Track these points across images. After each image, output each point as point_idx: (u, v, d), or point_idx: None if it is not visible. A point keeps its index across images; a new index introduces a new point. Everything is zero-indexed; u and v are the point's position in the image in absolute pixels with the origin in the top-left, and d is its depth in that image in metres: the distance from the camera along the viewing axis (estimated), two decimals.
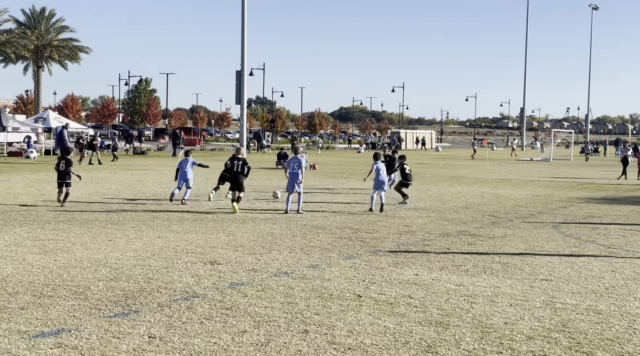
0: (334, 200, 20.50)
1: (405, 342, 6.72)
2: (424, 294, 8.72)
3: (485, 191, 24.77)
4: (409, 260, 10.98)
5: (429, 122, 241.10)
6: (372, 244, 12.50)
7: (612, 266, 10.71)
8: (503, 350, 6.54)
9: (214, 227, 14.37)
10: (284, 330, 7.09)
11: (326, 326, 7.22)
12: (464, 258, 11.25)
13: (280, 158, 38.95)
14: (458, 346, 6.61)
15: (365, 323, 7.39)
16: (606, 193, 25.22)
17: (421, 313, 7.79)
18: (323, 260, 10.90)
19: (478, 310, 7.99)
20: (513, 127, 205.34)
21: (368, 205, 18.08)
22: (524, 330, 7.18)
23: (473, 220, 16.27)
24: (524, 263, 10.87)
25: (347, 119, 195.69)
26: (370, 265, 10.53)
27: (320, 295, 8.57)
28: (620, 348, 6.63)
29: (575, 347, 6.64)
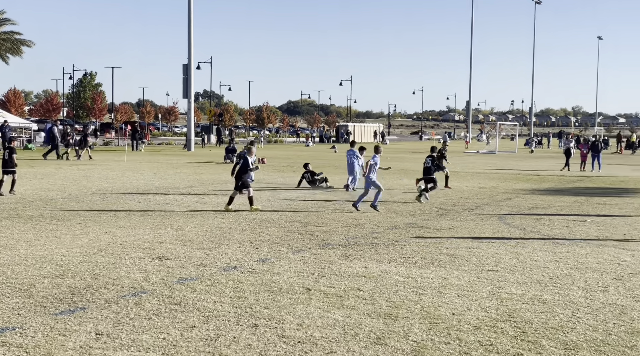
0: (282, 194, 20.46)
1: (355, 334, 6.75)
2: (373, 286, 8.77)
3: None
4: (358, 253, 11.03)
5: (377, 115, 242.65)
6: (321, 238, 12.53)
7: (556, 256, 10.94)
8: (451, 340, 6.62)
9: (161, 222, 14.21)
10: (233, 324, 7.05)
11: (276, 320, 7.21)
12: (412, 250, 11.35)
13: (228, 153, 38.73)
14: (407, 338, 6.67)
15: (315, 316, 7.40)
16: (550, 184, 25.74)
17: (370, 306, 7.84)
18: (272, 254, 10.88)
19: (426, 301, 8.08)
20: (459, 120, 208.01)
21: (318, 200, 18.08)
22: (471, 320, 7.29)
23: (421, 212, 16.43)
24: (470, 254, 11.02)
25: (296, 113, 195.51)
26: (320, 259, 10.55)
27: (269, 289, 8.55)
28: (565, 336, 6.78)
29: (520, 336, 6.76)
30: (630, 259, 10.73)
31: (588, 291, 8.63)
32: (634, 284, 9.02)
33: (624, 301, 8.12)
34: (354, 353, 6.21)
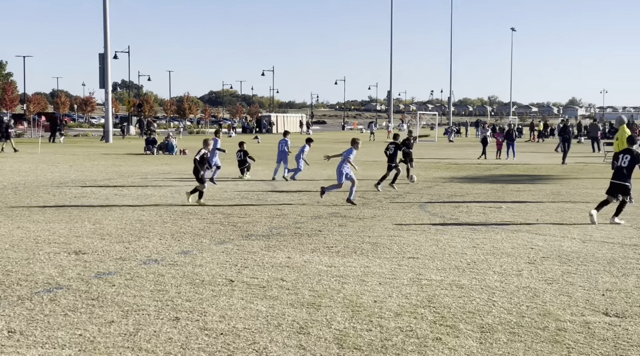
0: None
1: (278, 325, 6.76)
2: (296, 276, 8.79)
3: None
4: (281, 244, 11.03)
5: (300, 106, 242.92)
6: (244, 229, 12.47)
7: (473, 242, 11.21)
8: (372, 327, 6.71)
9: (78, 215, 13.86)
10: (153, 318, 6.95)
11: (198, 313, 7.14)
12: (335, 239, 11.43)
13: (148, 144, 38.09)
14: (329, 326, 6.72)
15: (238, 307, 7.36)
16: (468, 172, 26.36)
17: (293, 296, 7.86)
18: (194, 246, 10.77)
19: (349, 289, 8.15)
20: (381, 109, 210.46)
21: (241, 191, 17.99)
22: (392, 307, 7.40)
23: (343, 201, 16.55)
24: (392, 242, 11.18)
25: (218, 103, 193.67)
26: (243, 250, 10.50)
27: (191, 282, 8.46)
28: (481, 319, 6.96)
29: (439, 321, 6.91)
30: (542, 243, 11.10)
31: (503, 275, 8.89)
32: (546, 267, 9.34)
33: (536, 285, 8.40)
34: (276, 343, 6.21)
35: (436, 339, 6.35)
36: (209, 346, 6.14)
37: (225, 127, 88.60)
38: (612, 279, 8.69)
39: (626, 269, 9.27)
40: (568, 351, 6.04)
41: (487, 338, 6.37)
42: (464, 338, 6.37)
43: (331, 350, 6.05)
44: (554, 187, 20.69)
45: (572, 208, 15.57)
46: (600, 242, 11.30)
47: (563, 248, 10.74)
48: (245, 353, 5.97)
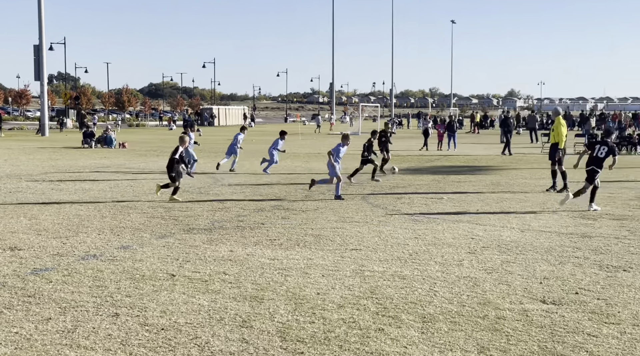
0: (146, 179, 19.99)
1: (220, 319, 6.70)
2: (239, 270, 8.74)
3: (298, 165, 25.27)
4: (224, 237, 10.95)
5: (242, 98, 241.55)
6: (185, 222, 12.33)
7: (415, 233, 11.32)
8: (315, 319, 6.71)
9: (13, 210, 13.49)
10: (92, 314, 6.81)
11: (138, 308, 7.03)
12: (278, 232, 11.40)
13: (86, 137, 37.35)
14: (272, 319, 6.69)
15: (179, 302, 7.28)
16: (410, 164, 26.62)
17: (236, 289, 7.81)
18: (134, 241, 10.60)
19: (292, 282, 8.14)
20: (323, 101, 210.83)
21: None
22: (335, 299, 7.41)
23: (286, 194, 16.53)
24: (335, 234, 11.21)
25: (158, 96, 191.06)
26: (184, 244, 10.38)
27: (131, 277, 8.33)
28: (423, 310, 7.04)
29: (382, 312, 6.95)
30: (482, 233, 11.28)
31: (444, 265, 9.00)
32: (486, 257, 9.50)
33: (476, 274, 8.53)
34: (219, 338, 6.16)
35: (378, 330, 6.39)
36: (149, 342, 6.05)
37: (166, 120, 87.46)
38: (550, 267, 8.89)
39: (563, 257, 9.49)
40: (507, 338, 6.15)
41: (428, 328, 6.44)
42: (405, 329, 6.43)
43: (274, 343, 6.03)
44: (494, 177, 21.07)
45: (511, 198, 15.87)
46: (538, 231, 11.55)
47: (502, 237, 10.94)
48: (187, 348, 5.90)
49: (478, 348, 5.91)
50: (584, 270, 8.72)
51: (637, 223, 12.19)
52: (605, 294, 7.61)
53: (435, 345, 6.00)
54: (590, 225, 12.10)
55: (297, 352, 5.82)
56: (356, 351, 5.84)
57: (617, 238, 10.83)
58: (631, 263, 9.12)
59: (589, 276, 8.40)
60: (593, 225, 12.10)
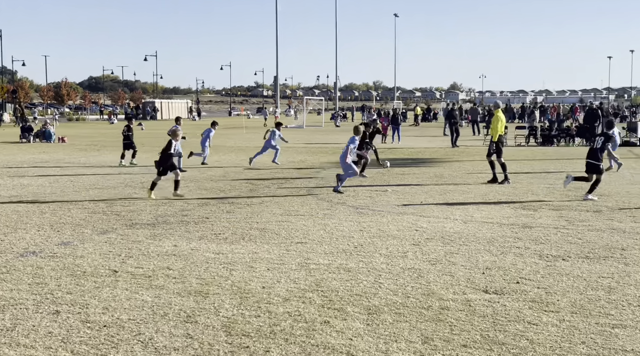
0: (87, 174, 19.62)
1: (164, 314, 6.63)
2: (183, 265, 8.65)
3: (243, 159, 25.14)
4: (167, 232, 10.82)
5: (185, 91, 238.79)
6: (128, 217, 12.15)
7: (360, 226, 11.38)
8: (261, 313, 6.69)
9: None
10: (32, 312, 6.65)
11: (79, 305, 6.90)
12: (223, 226, 11.33)
13: (24, 131, 36.49)
14: (217, 314, 6.65)
15: (122, 298, 7.17)
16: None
17: (180, 284, 7.73)
18: (75, 237, 10.39)
19: (237, 276, 8.10)
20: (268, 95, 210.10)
21: (125, 178, 17.46)
22: (281, 293, 7.41)
23: (231, 188, 16.43)
24: (280, 228, 11.19)
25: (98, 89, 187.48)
26: (127, 239, 10.23)
27: (72, 273, 8.17)
28: (368, 301, 7.08)
29: (327, 305, 6.97)
30: (426, 225, 11.41)
31: (389, 257, 9.08)
32: (430, 249, 9.61)
33: (420, 265, 8.63)
34: (163, 333, 6.09)
35: (324, 322, 6.41)
36: (91, 339, 5.94)
37: (107, 114, 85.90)
38: (492, 258, 9.05)
39: (504, 248, 9.67)
40: (450, 328, 6.24)
41: (373, 320, 6.49)
42: (351, 321, 6.46)
43: (219, 338, 5.99)
44: (437, 169, 21.32)
45: (454, 190, 16.09)
46: (481, 222, 11.74)
47: (446, 229, 11.08)
48: (130, 345, 5.82)
49: (422, 338, 5.98)
50: (524, 260, 8.90)
51: (575, 213, 12.50)
52: (545, 283, 7.79)
53: (380, 336, 6.04)
54: (530, 215, 12.36)
55: (242, 346, 5.79)
56: (302, 344, 5.85)
57: (556, 228, 11.09)
58: (569, 252, 9.35)
59: (530, 266, 8.58)
60: (533, 215, 12.36)
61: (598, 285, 7.67)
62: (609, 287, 7.59)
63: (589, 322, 6.40)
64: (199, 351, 5.68)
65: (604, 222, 11.63)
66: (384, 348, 5.76)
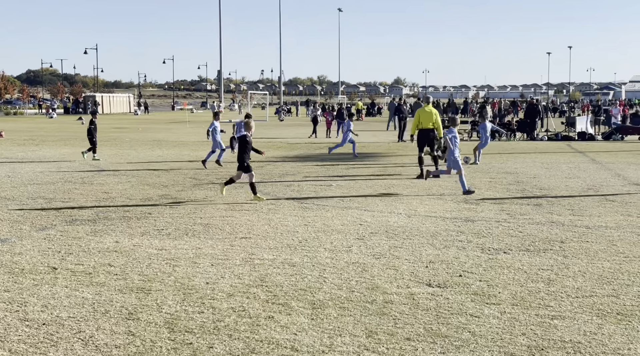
0: (25, 170, 19.14)
1: (105, 311, 6.51)
2: (125, 261, 8.51)
3: (186, 154, 24.88)
4: (109, 228, 10.64)
5: (127, 85, 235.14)
6: (68, 213, 11.89)
7: (304, 220, 11.38)
8: (205, 309, 6.63)
9: None
10: None
11: (17, 303, 6.72)
12: (166, 222, 11.19)
13: None
14: (160, 310, 6.56)
15: (62, 296, 7.01)
16: (299, 151, 26.72)
17: (122, 281, 7.60)
18: (13, 233, 10.13)
19: (180, 272, 8.01)
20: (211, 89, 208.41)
21: (64, 172, 17.07)
22: (225, 288, 7.35)
23: (174, 183, 16.24)
24: (224, 223, 11.11)
25: (37, 83, 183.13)
26: (67, 235, 10.01)
27: (10, 271, 7.95)
28: (312, 296, 7.08)
29: (272, 300, 6.95)
30: (370, 219, 11.48)
31: (334, 252, 9.10)
32: (374, 243, 9.67)
33: (365, 260, 8.67)
34: (104, 331, 5.98)
35: (268, 317, 6.38)
36: (30, 338, 5.79)
37: (45, 108, 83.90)
38: (435, 251, 9.15)
39: (447, 241, 9.79)
40: (394, 322, 6.28)
41: (318, 314, 6.49)
42: (295, 316, 6.45)
43: (162, 335, 5.91)
44: (381, 164, 21.47)
45: (398, 184, 16.22)
46: (424, 216, 11.86)
47: (390, 223, 11.16)
48: (70, 343, 5.69)
49: (366, 332, 6.01)
50: (467, 253, 9.03)
51: (516, 207, 12.74)
52: (487, 276, 7.91)
53: (325, 330, 6.05)
54: (472, 209, 12.54)
55: (185, 343, 5.73)
56: (246, 339, 5.81)
57: (498, 222, 11.28)
58: (510, 245, 9.53)
59: (472, 259, 8.70)
60: (475, 209, 12.54)
61: (538, 277, 7.83)
62: (548, 279, 7.76)
63: (529, 314, 6.52)
64: (141, 349, 5.60)
65: (544, 215, 11.88)
66: (328, 342, 5.77)
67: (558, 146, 28.95)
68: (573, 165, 20.46)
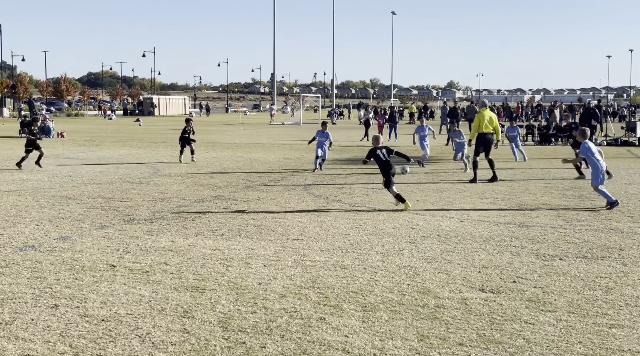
0: (85, 170, 19.62)
1: (162, 309, 6.65)
2: (180, 260, 8.68)
3: (239, 155, 25.15)
4: (165, 227, 10.84)
5: (182, 88, 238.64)
6: (126, 213, 12.17)
7: (356, 223, 11.41)
8: (257, 309, 6.72)
9: None
10: (31, 306, 6.68)
11: (78, 299, 6.92)
12: (220, 222, 11.35)
13: (24, 127, 36.40)
14: (214, 309, 6.68)
15: (120, 293, 7.19)
16: (351, 154, 26.74)
17: (177, 280, 7.75)
18: (74, 232, 10.41)
19: (233, 272, 8.12)
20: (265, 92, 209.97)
21: (122, 174, 17.44)
22: (277, 289, 7.43)
23: (228, 184, 16.45)
24: (277, 224, 11.21)
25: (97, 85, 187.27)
26: (125, 234, 10.25)
27: (71, 268, 8.19)
28: (364, 299, 7.11)
29: (323, 301, 7.00)
30: (422, 223, 11.44)
31: (385, 255, 9.11)
32: (426, 246, 9.64)
33: (416, 263, 8.66)
34: (160, 328, 6.12)
35: (320, 319, 6.44)
36: (89, 333, 5.97)
37: (104, 109, 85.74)
38: (488, 256, 9.08)
39: (500, 247, 9.70)
40: (446, 327, 6.27)
41: (369, 317, 6.52)
42: (347, 318, 6.49)
43: (216, 333, 6.01)
44: (434, 167, 21.35)
45: (450, 188, 16.12)
46: (477, 220, 11.77)
47: (442, 227, 11.11)
48: (128, 339, 5.84)
49: (418, 336, 6.01)
50: (521, 259, 8.94)
51: (572, 213, 12.54)
52: (542, 282, 7.82)
53: (376, 333, 6.07)
54: (527, 214, 12.39)
55: (238, 342, 5.82)
56: (298, 340, 5.87)
57: (554, 228, 11.12)
58: (567, 252, 9.39)
59: (526, 265, 8.61)
60: (530, 214, 12.39)
61: (595, 285, 7.71)
62: (606, 287, 7.63)
63: (586, 322, 6.43)
64: (196, 346, 5.71)
65: (602, 221, 11.66)
66: (379, 345, 5.79)
67: (617, 151, 28.33)
68: (633, 171, 20.00)
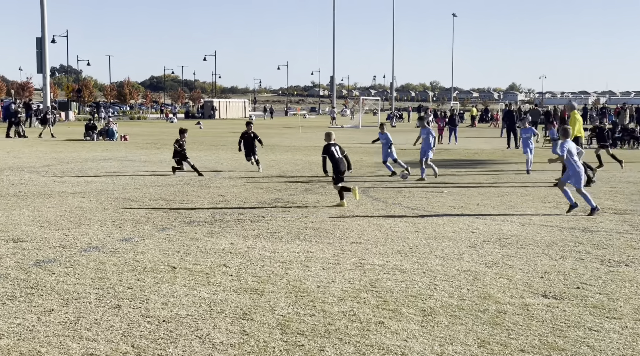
0: (146, 172, 20.00)
1: (221, 311, 6.72)
2: (239, 262, 8.76)
3: (298, 158, 25.27)
4: (224, 230, 10.96)
5: (243, 91, 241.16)
6: (186, 215, 12.35)
7: (415, 226, 11.33)
8: (316, 312, 6.73)
9: (16, 202, 13.51)
10: (94, 306, 6.83)
11: (140, 300, 7.05)
12: (279, 225, 11.41)
13: (88, 130, 37.34)
14: (273, 312, 6.71)
15: (180, 294, 7.30)
16: (409, 157, 26.57)
17: (236, 282, 7.83)
18: (136, 233, 10.62)
19: (292, 275, 8.16)
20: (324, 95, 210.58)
21: (184, 176, 17.71)
22: (336, 292, 7.43)
23: (287, 187, 16.54)
24: (335, 227, 11.22)
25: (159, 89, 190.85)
26: (185, 236, 10.40)
27: (133, 269, 8.35)
28: (423, 303, 7.05)
29: (382, 305, 6.97)
30: (483, 227, 11.29)
31: (444, 259, 9.01)
32: (486, 251, 9.51)
33: (477, 268, 8.54)
34: (220, 330, 6.18)
35: (379, 323, 6.41)
36: (151, 334, 6.07)
37: (166, 113, 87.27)
38: (551, 262, 8.90)
39: (564, 252, 9.50)
40: (507, 333, 6.16)
41: (428, 321, 6.46)
42: (406, 322, 6.45)
43: (274, 336, 6.05)
44: (495, 171, 21.06)
45: (511, 192, 15.87)
46: (539, 225, 11.55)
47: (503, 231, 10.94)
48: (189, 340, 5.92)
49: (478, 341, 5.93)
50: (585, 265, 8.73)
51: (639, 218, 12.19)
52: (607, 289, 7.63)
53: (436, 338, 6.01)
54: (591, 219, 12.10)
55: (297, 345, 5.84)
56: (356, 344, 5.86)
57: (619, 233, 10.83)
58: (633, 258, 9.13)
59: (591, 271, 8.41)
60: (595, 219, 12.10)
61: None
62: None
63: None
64: (255, 348, 5.75)
65: None
66: (439, 350, 5.73)
67: None
68: None
